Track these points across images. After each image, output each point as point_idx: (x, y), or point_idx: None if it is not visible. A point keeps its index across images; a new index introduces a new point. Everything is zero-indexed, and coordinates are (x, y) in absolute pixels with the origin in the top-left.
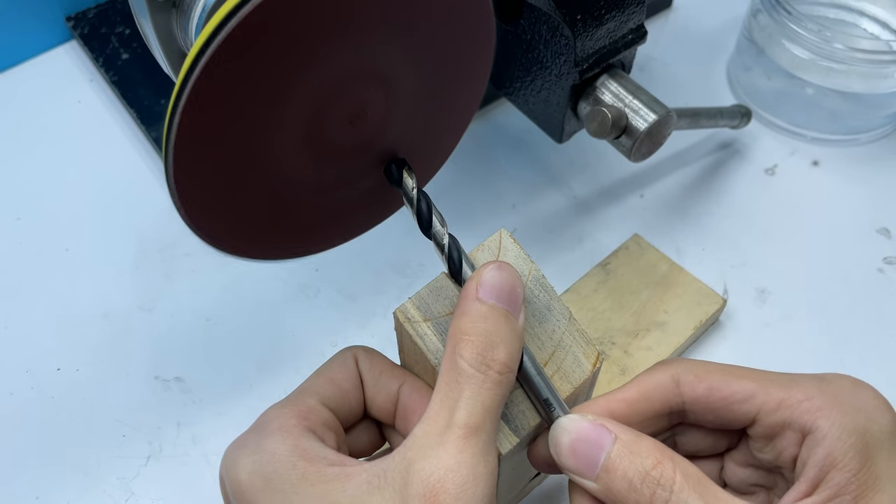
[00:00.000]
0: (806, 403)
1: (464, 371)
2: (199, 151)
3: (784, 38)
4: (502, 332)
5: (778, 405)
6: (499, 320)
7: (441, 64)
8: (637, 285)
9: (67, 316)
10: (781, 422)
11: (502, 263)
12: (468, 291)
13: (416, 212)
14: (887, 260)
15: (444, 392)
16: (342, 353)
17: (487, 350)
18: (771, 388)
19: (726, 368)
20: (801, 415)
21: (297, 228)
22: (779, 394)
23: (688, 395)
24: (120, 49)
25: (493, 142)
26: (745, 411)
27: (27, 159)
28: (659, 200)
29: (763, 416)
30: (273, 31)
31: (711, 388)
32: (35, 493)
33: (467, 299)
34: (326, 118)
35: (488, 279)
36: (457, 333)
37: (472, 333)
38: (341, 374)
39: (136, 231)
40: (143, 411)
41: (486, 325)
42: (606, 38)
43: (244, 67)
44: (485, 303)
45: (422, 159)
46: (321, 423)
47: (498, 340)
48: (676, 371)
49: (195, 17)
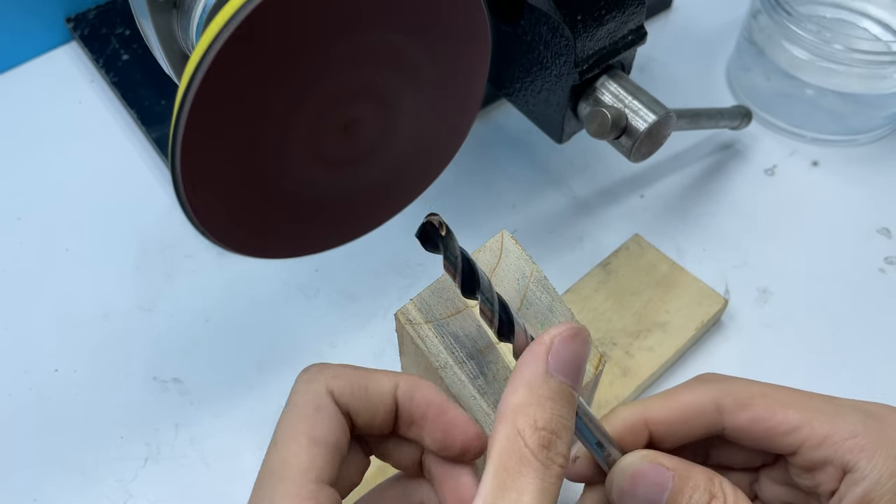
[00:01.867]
0: (850, 442)
1: (528, 461)
2: (205, 149)
3: (784, 38)
4: (567, 418)
5: (822, 441)
6: (566, 403)
7: (440, 66)
8: (638, 286)
9: (66, 316)
10: (824, 457)
11: (578, 328)
12: (536, 357)
13: (461, 275)
14: (888, 260)
15: (503, 479)
16: (311, 391)
17: (554, 440)
18: (816, 421)
19: (770, 393)
20: (844, 453)
21: (299, 227)
22: (824, 429)
23: (729, 423)
24: (120, 50)
25: (493, 142)
26: (788, 443)
27: (28, 160)
28: (659, 201)
29: (806, 450)
30: (274, 30)
31: (755, 418)
32: (33, 494)
33: (535, 370)
34: (330, 120)
35: (564, 350)
36: (520, 411)
37: (538, 418)
38: (324, 428)
39: (136, 231)
40: (142, 412)
41: (554, 408)
42: (606, 39)
43: (247, 66)
44: (554, 379)
45: (425, 161)
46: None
47: (563, 428)
48: (718, 395)
49: (196, 17)
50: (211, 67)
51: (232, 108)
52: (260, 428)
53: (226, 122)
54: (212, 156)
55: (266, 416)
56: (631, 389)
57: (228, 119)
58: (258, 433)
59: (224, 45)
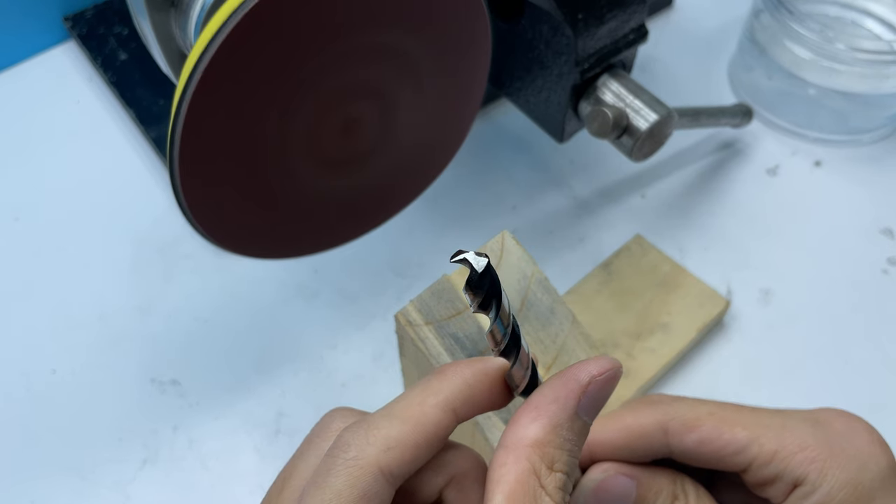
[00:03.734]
0: (800, 455)
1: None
2: (203, 148)
3: (786, 38)
4: (578, 458)
5: (772, 457)
6: (582, 442)
7: (440, 65)
8: (639, 286)
9: (63, 317)
10: (774, 473)
11: (617, 369)
12: (570, 394)
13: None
14: (891, 260)
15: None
16: (357, 477)
17: (568, 483)
18: (764, 437)
19: (716, 412)
20: (794, 467)
21: (298, 228)
22: (772, 444)
23: (676, 447)
24: (118, 49)
25: (493, 142)
26: (737, 462)
27: (25, 159)
28: (661, 200)
29: (755, 468)
30: (274, 29)
31: (703, 439)
32: (31, 496)
33: (566, 408)
34: (328, 120)
35: (599, 393)
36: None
37: (557, 461)
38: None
39: (133, 232)
40: (140, 414)
41: (574, 450)
42: (607, 38)
43: (246, 66)
44: (581, 420)
45: (425, 161)
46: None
47: (574, 469)
48: (663, 418)
49: (194, 16)
50: (209, 66)
51: (230, 109)
52: (258, 430)
53: (224, 123)
54: (210, 156)
55: (265, 418)
56: (632, 391)
57: (227, 119)
58: (257, 435)
59: (221, 44)
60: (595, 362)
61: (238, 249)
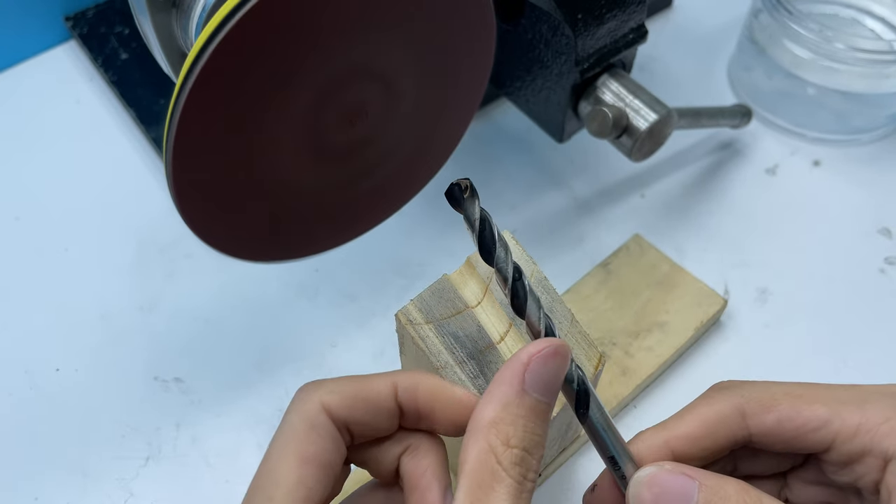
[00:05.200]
0: (885, 426)
1: (501, 479)
2: (199, 152)
3: (785, 37)
4: (541, 434)
5: (855, 431)
6: (539, 420)
7: (441, 63)
8: (638, 285)
9: (66, 316)
10: (861, 448)
11: (558, 346)
12: (514, 374)
13: (479, 237)
14: (888, 260)
15: (477, 495)
16: (304, 409)
17: (526, 458)
18: (845, 412)
19: (792, 392)
20: (881, 439)
21: (297, 229)
22: (854, 418)
23: (755, 428)
24: (119, 49)
25: (493, 142)
26: (819, 439)
27: (26, 159)
28: (660, 200)
29: (840, 443)
30: (273, 30)
31: (781, 419)
32: (34, 493)
33: (511, 386)
34: (326, 118)
35: (541, 368)
36: (493, 428)
37: (511, 435)
38: (316, 446)
39: (135, 231)
40: (143, 412)
41: (528, 426)
42: (607, 38)
43: (245, 66)
44: (530, 396)
45: (422, 161)
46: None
47: (535, 445)
48: (740, 401)
49: (195, 16)
50: (206, 66)
51: (228, 109)
52: (260, 427)
53: (221, 123)
54: (207, 157)
55: (267, 415)
56: (630, 389)
57: (224, 119)
58: (259, 432)
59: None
60: (535, 343)
61: (235, 253)
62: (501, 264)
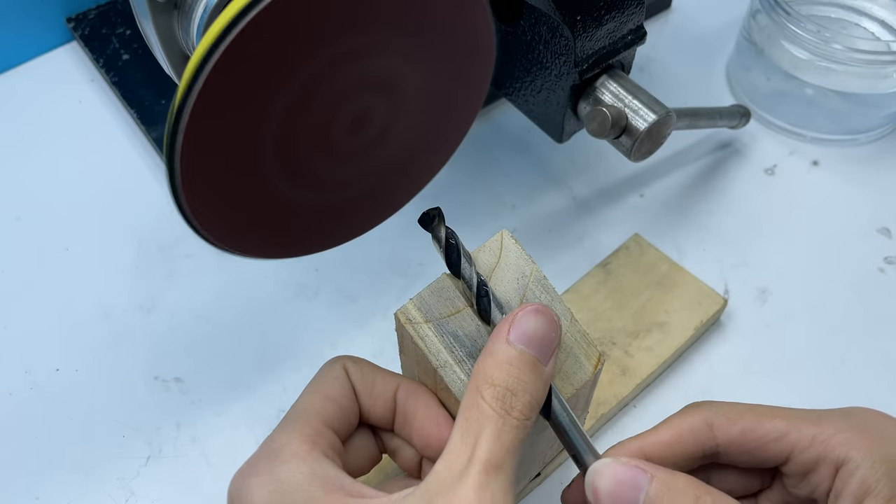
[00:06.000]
0: (838, 437)
1: (484, 411)
2: (202, 153)
3: (783, 38)
4: (525, 380)
5: (811, 441)
6: (524, 367)
7: (442, 69)
8: (637, 285)
9: (67, 316)
10: (815, 457)
11: (541, 307)
12: (500, 332)
13: (445, 254)
14: (888, 259)
15: (465, 428)
16: (332, 367)
17: (509, 396)
18: (802, 425)
19: (756, 409)
20: (833, 448)
21: (298, 228)
22: (810, 430)
23: (721, 438)
24: (120, 50)
25: (493, 142)
26: (779, 450)
27: (28, 159)
28: (659, 200)
29: (797, 453)
30: (276, 33)
31: (744, 429)
32: (35, 493)
33: (497, 340)
34: (330, 120)
35: (523, 323)
36: (481, 373)
37: (494, 377)
38: (336, 390)
39: (135, 231)
40: (143, 412)
41: (511, 370)
42: (606, 39)
43: (248, 70)
44: (514, 347)
45: (423, 161)
46: (329, 446)
47: (519, 388)
48: (708, 414)
49: (197, 18)
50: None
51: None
52: (260, 426)
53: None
54: (211, 160)
55: (266, 414)
56: (630, 388)
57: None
58: (259, 432)
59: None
60: (521, 306)
61: (239, 250)
62: (466, 276)
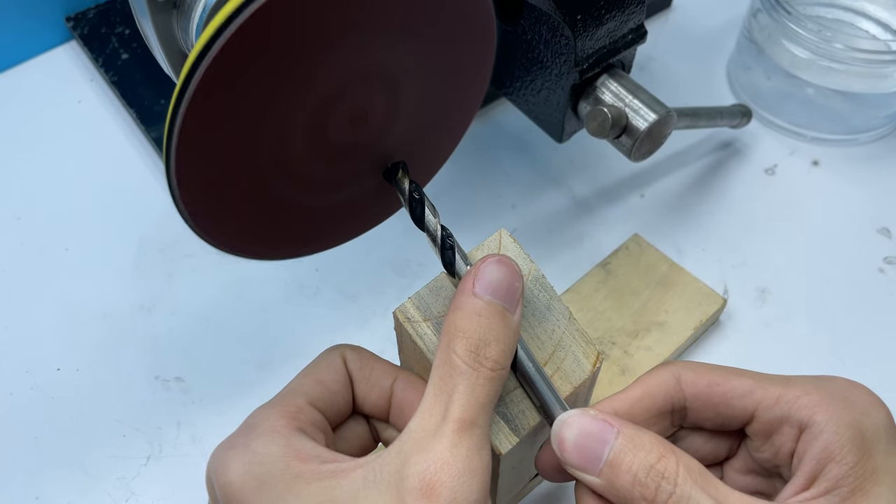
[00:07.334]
0: (804, 398)
1: (457, 367)
2: (200, 152)
3: (784, 37)
4: (496, 329)
5: (776, 401)
6: (493, 317)
7: (442, 66)
8: (637, 285)
9: (67, 316)
10: (779, 417)
11: (502, 257)
12: (465, 285)
13: (409, 207)
14: (888, 260)
15: (438, 386)
16: (329, 353)
17: (480, 347)
18: (768, 384)
19: (725, 368)
20: (798, 409)
21: (298, 228)
22: (776, 390)
23: (689, 391)
24: (120, 49)
25: (493, 142)
26: (743, 406)
27: (27, 159)
28: (659, 200)
29: (761, 411)
30: (275, 32)
31: (711, 383)
32: (35, 492)
33: (463, 293)
34: (328, 119)
35: (486, 274)
36: (451, 328)
37: (465, 329)
38: (329, 375)
39: (136, 231)
40: (144, 411)
41: (480, 321)
42: (606, 38)
43: (245, 69)
44: (481, 298)
45: (422, 160)
46: (310, 423)
47: (491, 338)
48: (677, 369)
49: (196, 17)
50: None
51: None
52: None
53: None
54: (208, 157)
55: None
56: None
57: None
58: None
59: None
60: (482, 258)
61: (239, 250)
62: (431, 228)
